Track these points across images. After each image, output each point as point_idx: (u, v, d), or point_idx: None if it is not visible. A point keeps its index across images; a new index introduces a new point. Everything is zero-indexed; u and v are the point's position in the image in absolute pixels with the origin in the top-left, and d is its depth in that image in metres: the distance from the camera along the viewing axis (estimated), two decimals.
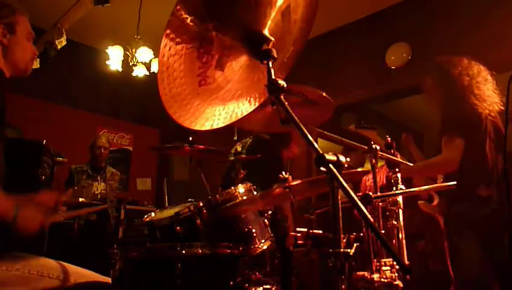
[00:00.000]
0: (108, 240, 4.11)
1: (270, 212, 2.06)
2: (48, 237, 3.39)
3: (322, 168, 0.89)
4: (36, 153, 2.84)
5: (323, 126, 1.82)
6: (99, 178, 4.49)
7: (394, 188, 1.88)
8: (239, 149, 3.35)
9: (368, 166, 1.93)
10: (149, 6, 4.43)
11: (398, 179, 1.90)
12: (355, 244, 1.22)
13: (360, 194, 1.59)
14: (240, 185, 2.03)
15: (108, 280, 1.63)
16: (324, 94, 1.51)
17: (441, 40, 4.29)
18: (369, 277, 1.62)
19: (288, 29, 1.21)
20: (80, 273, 1.59)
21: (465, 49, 4.12)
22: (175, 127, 1.29)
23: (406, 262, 1.75)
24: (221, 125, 1.28)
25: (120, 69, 4.45)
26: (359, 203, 0.83)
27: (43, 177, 2.94)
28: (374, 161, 1.88)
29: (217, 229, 1.89)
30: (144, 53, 4.36)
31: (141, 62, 4.44)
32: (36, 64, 1.77)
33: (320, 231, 1.85)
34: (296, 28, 1.24)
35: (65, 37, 4.68)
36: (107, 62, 4.41)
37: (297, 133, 0.95)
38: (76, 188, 4.26)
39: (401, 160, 2.01)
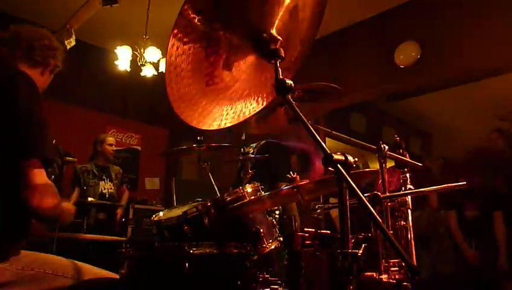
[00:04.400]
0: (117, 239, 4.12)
1: (277, 212, 2.06)
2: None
3: (330, 168, 0.88)
4: None
5: (331, 126, 1.81)
6: (104, 177, 4.49)
7: (403, 188, 1.86)
8: (251, 151, 3.39)
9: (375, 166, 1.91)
10: (157, 6, 4.44)
11: (407, 179, 1.88)
12: (363, 245, 1.21)
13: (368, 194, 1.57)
14: (247, 185, 2.03)
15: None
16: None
17: (451, 39, 4.25)
18: (377, 277, 1.61)
19: (296, 28, 1.20)
20: (92, 271, 1.61)
21: (474, 48, 4.09)
22: (183, 127, 1.29)
23: (414, 263, 1.74)
24: (228, 125, 1.28)
25: (128, 69, 4.46)
26: (367, 203, 0.83)
27: (53, 176, 2.96)
28: (382, 161, 1.86)
29: (225, 228, 1.89)
30: (152, 53, 4.36)
31: (149, 62, 4.44)
32: None
33: (328, 231, 1.84)
34: (304, 27, 1.23)
35: (74, 37, 4.71)
36: (115, 62, 4.42)
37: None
38: (85, 188, 4.27)
39: (409, 160, 1.99)
